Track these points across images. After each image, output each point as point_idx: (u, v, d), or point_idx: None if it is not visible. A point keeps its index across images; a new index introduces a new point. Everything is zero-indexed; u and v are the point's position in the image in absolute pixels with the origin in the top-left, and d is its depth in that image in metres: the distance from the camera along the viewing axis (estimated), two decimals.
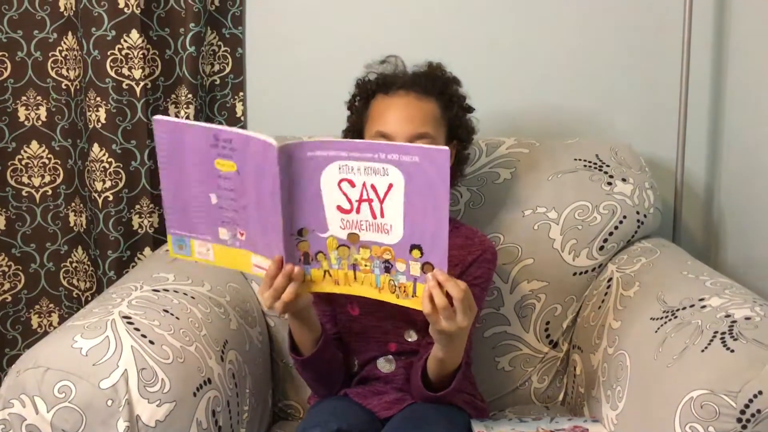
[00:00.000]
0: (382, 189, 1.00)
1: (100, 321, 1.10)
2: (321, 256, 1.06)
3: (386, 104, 1.28)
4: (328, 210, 1.04)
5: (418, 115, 1.26)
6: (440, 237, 0.99)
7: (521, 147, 1.58)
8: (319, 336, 1.23)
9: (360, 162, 1.00)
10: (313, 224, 1.05)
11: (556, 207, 1.51)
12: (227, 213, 1.06)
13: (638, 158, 1.59)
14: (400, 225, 1.01)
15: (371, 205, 1.02)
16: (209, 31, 1.72)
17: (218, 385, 1.15)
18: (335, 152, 1.00)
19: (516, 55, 1.76)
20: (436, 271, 1.01)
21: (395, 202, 1.00)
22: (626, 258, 1.46)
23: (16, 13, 1.72)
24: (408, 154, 0.97)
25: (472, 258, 1.30)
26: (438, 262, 1.01)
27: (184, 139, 1.05)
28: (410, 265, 1.02)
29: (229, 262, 1.10)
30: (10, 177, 1.77)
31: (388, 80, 1.31)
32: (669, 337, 1.13)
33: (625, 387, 1.17)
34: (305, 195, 1.03)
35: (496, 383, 1.49)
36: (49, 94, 1.75)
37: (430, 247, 1.01)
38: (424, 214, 0.99)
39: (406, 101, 1.27)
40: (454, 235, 1.34)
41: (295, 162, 1.00)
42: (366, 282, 1.06)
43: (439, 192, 0.97)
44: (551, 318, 1.49)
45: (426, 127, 1.26)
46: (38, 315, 1.83)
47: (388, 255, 1.03)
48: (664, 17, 1.73)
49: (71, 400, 1.00)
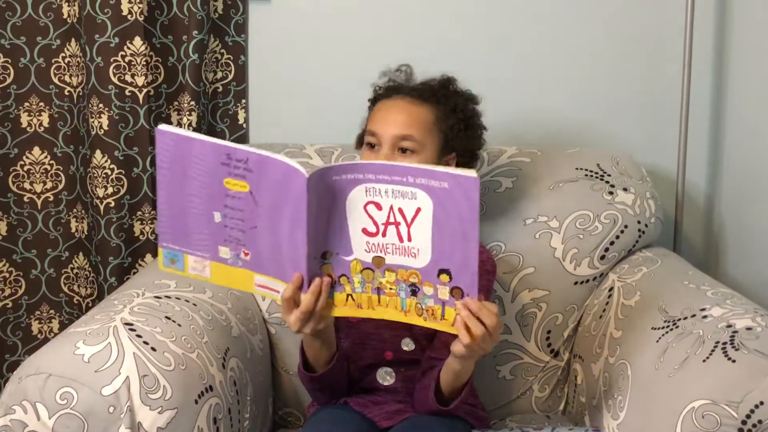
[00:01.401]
0: (410, 213, 0.98)
1: (102, 327, 1.10)
2: (344, 280, 1.04)
3: (382, 106, 1.32)
4: (353, 233, 1.01)
5: (404, 118, 1.28)
6: (470, 263, 0.97)
7: (523, 156, 1.59)
8: (335, 353, 1.22)
9: (388, 185, 0.98)
10: (337, 247, 1.02)
11: (557, 216, 1.51)
12: (232, 232, 1.03)
13: (639, 168, 1.59)
14: (427, 249, 0.99)
15: (398, 229, 1.00)
16: (212, 38, 1.72)
17: (220, 393, 1.15)
18: (362, 175, 0.98)
19: (518, 64, 1.76)
20: (467, 301, 0.99)
21: (423, 226, 0.98)
22: (627, 267, 1.46)
23: (19, 19, 1.72)
24: (437, 180, 0.95)
25: None
26: (468, 287, 0.99)
27: (191, 153, 1.02)
28: (438, 289, 1.00)
29: (227, 281, 1.07)
30: (12, 183, 1.77)
31: (393, 87, 1.34)
32: (670, 346, 1.13)
33: (626, 396, 1.17)
34: (330, 218, 1.00)
35: (497, 392, 1.49)
36: (52, 101, 1.76)
37: (458, 272, 0.99)
38: (452, 239, 0.97)
39: (400, 105, 1.30)
40: None
41: (321, 187, 0.98)
42: (391, 305, 1.04)
43: (468, 218, 0.95)
44: (552, 327, 1.49)
45: (411, 130, 1.27)
46: (39, 321, 1.83)
47: (415, 278, 1.01)
48: (665, 27, 1.74)
49: (73, 407, 1.00)
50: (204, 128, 1.73)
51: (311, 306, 1.02)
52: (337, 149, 1.59)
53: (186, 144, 1.02)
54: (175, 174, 1.03)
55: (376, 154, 1.28)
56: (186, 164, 1.02)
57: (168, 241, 1.07)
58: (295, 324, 1.05)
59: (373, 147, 1.28)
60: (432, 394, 1.18)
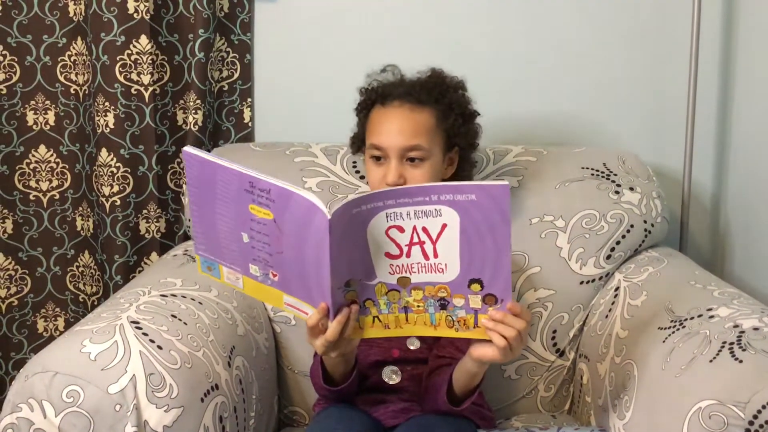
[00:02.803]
0: (434, 230, 0.97)
1: (109, 326, 1.10)
2: (369, 303, 1.03)
3: (380, 116, 1.30)
4: (375, 258, 1.00)
5: (410, 127, 1.26)
6: (503, 270, 0.97)
7: (528, 155, 1.59)
8: (354, 366, 1.22)
9: (410, 207, 0.96)
10: (360, 274, 1.01)
11: (563, 215, 1.51)
12: (259, 254, 1.02)
13: (646, 167, 1.59)
14: (456, 262, 0.98)
15: (423, 248, 0.98)
16: (218, 37, 1.72)
17: (225, 391, 1.16)
18: (382, 202, 0.97)
19: (524, 63, 1.76)
20: (491, 313, 1.00)
21: (450, 241, 0.97)
22: (633, 267, 1.46)
23: (25, 18, 1.72)
24: (463, 193, 0.94)
25: None
26: (501, 293, 0.98)
27: (215, 177, 1.01)
28: (469, 299, 1.00)
29: (259, 295, 1.07)
30: (18, 181, 1.77)
31: (386, 91, 1.31)
32: (677, 347, 1.13)
33: (632, 396, 1.17)
34: (352, 249, 0.99)
35: (502, 392, 1.49)
36: (58, 99, 1.76)
37: (491, 280, 0.98)
38: (483, 249, 0.96)
39: (400, 113, 1.28)
40: None
41: (343, 222, 0.96)
42: (419, 322, 1.03)
43: (499, 226, 0.94)
44: (558, 327, 1.49)
45: (418, 138, 1.26)
46: (44, 319, 1.83)
47: (444, 293, 1.00)
48: (672, 26, 1.74)
49: (79, 405, 1.00)
50: (210, 127, 1.74)
51: (337, 335, 1.02)
52: (342, 148, 1.59)
53: (210, 168, 1.01)
54: (203, 193, 1.03)
55: (383, 167, 1.27)
56: (213, 186, 1.01)
57: (203, 250, 1.08)
58: (320, 349, 1.05)
59: (379, 160, 1.28)
60: (444, 395, 1.18)
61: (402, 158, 1.26)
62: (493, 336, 1.01)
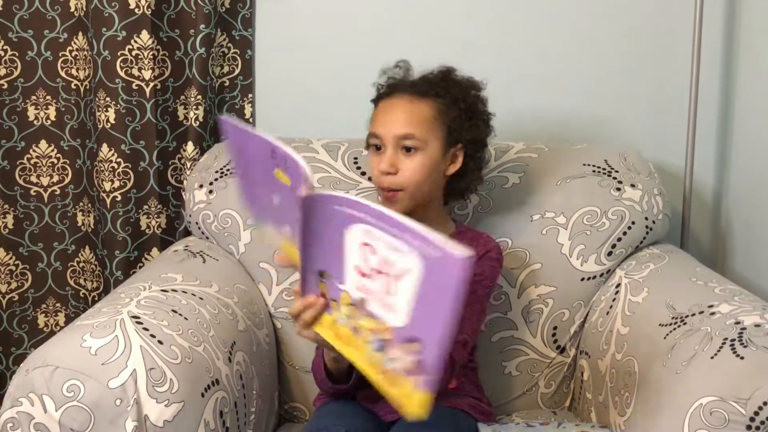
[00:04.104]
0: (399, 268, 0.90)
1: (109, 320, 1.10)
2: (334, 304, 1.01)
3: (382, 107, 1.32)
4: (347, 265, 0.96)
5: (404, 116, 1.27)
6: (442, 342, 0.86)
7: (530, 152, 1.58)
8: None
9: (385, 234, 0.91)
10: (333, 271, 0.98)
11: (564, 212, 1.50)
12: (288, 217, 1.02)
13: (647, 164, 1.59)
14: (405, 311, 0.90)
15: (387, 279, 0.92)
16: (219, 32, 1.72)
17: (226, 386, 1.15)
18: (363, 215, 0.92)
19: (525, 59, 1.76)
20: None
21: (408, 286, 0.90)
22: (635, 264, 1.46)
23: (26, 12, 1.72)
24: (431, 248, 0.86)
25: (476, 256, 1.30)
26: (431, 364, 0.88)
27: (247, 144, 1.04)
28: (403, 358, 0.91)
29: (293, 257, 1.04)
30: (19, 176, 1.77)
31: (392, 84, 1.33)
32: (678, 343, 1.13)
33: (633, 393, 1.17)
34: (329, 242, 0.97)
35: (502, 388, 1.49)
36: (59, 94, 1.75)
37: (427, 347, 0.88)
38: (432, 311, 0.87)
39: (399, 103, 1.29)
40: (461, 239, 1.34)
41: (319, 209, 0.95)
42: (362, 350, 0.97)
43: (449, 297, 0.84)
44: (558, 323, 1.49)
45: (411, 128, 1.26)
46: (45, 314, 1.83)
47: (389, 336, 0.93)
48: (674, 23, 1.73)
49: (80, 399, 1.00)
50: (211, 123, 1.73)
51: (297, 312, 1.01)
52: (343, 144, 1.59)
53: (240, 134, 1.05)
54: (241, 157, 1.07)
55: (380, 156, 1.28)
56: (246, 152, 1.05)
57: (251, 212, 1.12)
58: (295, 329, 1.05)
59: (378, 149, 1.29)
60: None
61: (397, 147, 1.27)
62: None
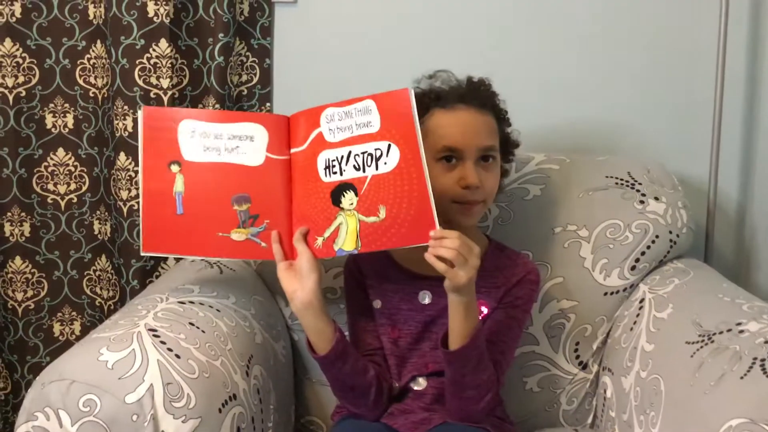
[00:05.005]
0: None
1: (126, 333, 1.08)
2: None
3: (449, 119, 1.26)
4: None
5: (484, 127, 1.26)
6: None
7: (551, 163, 1.56)
8: (332, 336, 1.20)
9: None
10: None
11: (587, 225, 1.48)
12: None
13: (671, 176, 1.56)
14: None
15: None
16: (238, 41, 1.71)
17: (243, 401, 1.14)
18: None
19: (547, 70, 1.73)
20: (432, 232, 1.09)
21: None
22: (659, 279, 1.43)
23: (45, 20, 1.72)
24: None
25: (516, 279, 1.29)
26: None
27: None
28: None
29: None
30: (36, 184, 1.77)
31: (444, 94, 1.28)
32: (706, 362, 1.10)
33: (659, 412, 1.14)
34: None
35: (523, 404, 1.46)
36: (77, 102, 1.75)
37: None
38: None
39: (468, 114, 1.26)
40: (499, 257, 1.33)
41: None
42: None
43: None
44: (581, 338, 1.46)
45: (491, 139, 1.27)
46: (60, 323, 1.82)
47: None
48: (698, 34, 1.71)
49: (96, 414, 0.98)
50: None
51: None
52: None
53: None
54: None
55: (457, 171, 1.23)
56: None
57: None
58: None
59: (449, 161, 1.24)
60: (440, 345, 1.18)
61: (476, 160, 1.24)
62: (436, 263, 1.10)
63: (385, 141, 1.14)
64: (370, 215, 1.15)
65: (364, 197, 1.15)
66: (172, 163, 1.21)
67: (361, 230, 1.15)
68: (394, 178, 1.13)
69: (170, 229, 1.21)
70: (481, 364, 1.18)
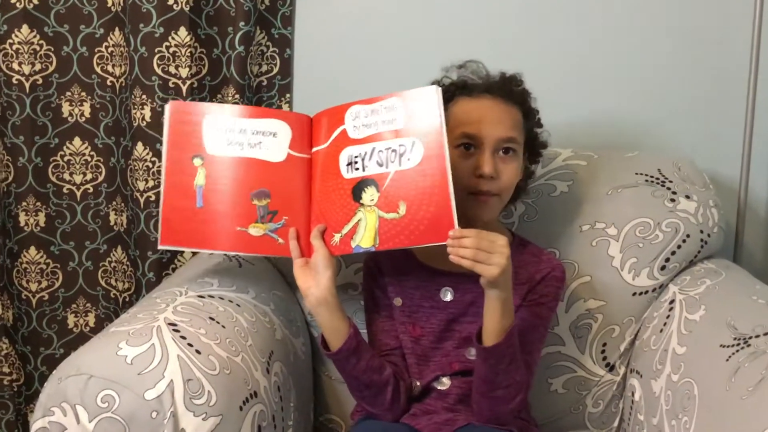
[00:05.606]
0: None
1: (146, 327, 1.05)
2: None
3: (471, 106, 1.23)
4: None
5: (507, 118, 1.22)
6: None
7: (578, 159, 1.52)
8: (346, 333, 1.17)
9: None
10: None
11: (615, 223, 1.44)
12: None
13: (702, 175, 1.52)
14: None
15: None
16: (258, 30, 1.68)
17: (264, 399, 1.11)
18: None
19: (575, 64, 1.69)
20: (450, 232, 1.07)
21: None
22: (689, 279, 1.39)
23: (63, 7, 1.69)
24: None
25: (540, 276, 1.25)
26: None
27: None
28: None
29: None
30: (52, 173, 1.74)
31: (470, 83, 1.26)
32: (742, 366, 1.06)
33: (692, 417, 1.10)
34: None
35: (548, 406, 1.43)
36: (94, 91, 1.72)
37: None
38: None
39: (493, 104, 1.23)
40: (521, 253, 1.29)
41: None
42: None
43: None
44: (608, 340, 1.42)
45: (514, 131, 1.22)
46: (74, 314, 1.80)
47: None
48: (731, 29, 1.66)
49: (114, 411, 0.95)
50: None
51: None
52: None
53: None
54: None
55: (473, 158, 1.20)
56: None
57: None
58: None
59: (468, 148, 1.21)
60: (475, 340, 1.15)
61: (497, 149, 1.21)
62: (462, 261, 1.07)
63: (409, 138, 1.11)
64: (390, 211, 1.12)
65: (385, 193, 1.13)
66: (195, 156, 1.19)
67: (380, 227, 1.13)
68: (416, 174, 1.11)
69: (189, 222, 1.19)
70: (513, 363, 1.15)
